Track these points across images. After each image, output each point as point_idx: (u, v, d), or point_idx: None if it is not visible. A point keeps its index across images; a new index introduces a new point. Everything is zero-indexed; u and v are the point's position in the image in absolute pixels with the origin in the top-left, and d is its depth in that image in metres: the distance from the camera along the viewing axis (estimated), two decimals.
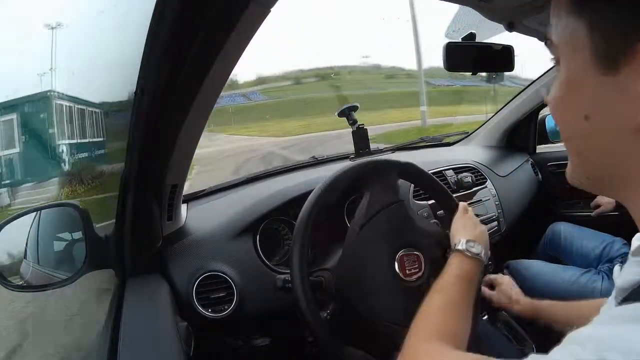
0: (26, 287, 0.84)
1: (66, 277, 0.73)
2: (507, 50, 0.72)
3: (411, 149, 1.50)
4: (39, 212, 0.81)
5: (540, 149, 1.66)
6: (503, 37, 0.71)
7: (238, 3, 0.42)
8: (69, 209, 0.77)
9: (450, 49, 0.68)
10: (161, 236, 0.78)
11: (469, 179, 1.23)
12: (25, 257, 0.83)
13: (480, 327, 0.77)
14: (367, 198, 0.74)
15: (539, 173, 1.57)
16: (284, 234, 0.96)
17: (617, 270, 1.06)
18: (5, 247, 0.79)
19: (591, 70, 0.30)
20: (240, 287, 0.81)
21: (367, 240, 0.72)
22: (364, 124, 1.04)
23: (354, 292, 0.70)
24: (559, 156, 1.56)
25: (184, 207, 0.93)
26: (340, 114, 1.03)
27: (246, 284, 0.82)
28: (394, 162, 0.81)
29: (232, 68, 0.54)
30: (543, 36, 0.40)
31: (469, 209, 0.75)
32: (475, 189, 1.25)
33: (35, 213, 0.80)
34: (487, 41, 0.72)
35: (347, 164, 0.78)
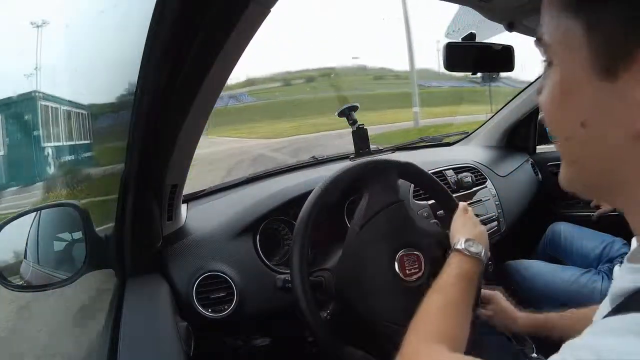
0: (26, 287, 0.84)
1: (66, 277, 0.73)
2: (507, 50, 0.72)
3: (411, 149, 1.50)
4: (39, 212, 0.81)
5: (540, 149, 1.66)
6: (503, 37, 0.71)
7: (238, 3, 0.42)
8: (69, 209, 0.77)
9: (450, 48, 0.68)
10: (161, 236, 0.78)
11: (469, 179, 1.23)
12: (25, 257, 0.83)
13: (480, 327, 0.77)
14: (367, 198, 0.74)
15: (539, 173, 1.57)
16: (284, 234, 0.96)
17: (617, 270, 1.06)
18: (5, 247, 0.79)
19: (588, 75, 0.29)
20: (240, 287, 0.81)
21: (367, 240, 0.72)
22: (364, 124, 1.04)
23: (354, 292, 0.70)
24: (559, 156, 1.54)
25: (184, 207, 0.93)
26: (340, 114, 1.03)
27: (246, 284, 0.82)
28: (394, 162, 0.81)
29: (232, 68, 0.54)
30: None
31: (468, 208, 0.74)
32: (475, 189, 1.25)
33: (35, 213, 0.80)
34: (487, 41, 0.72)
35: (347, 164, 0.78)
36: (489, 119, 1.68)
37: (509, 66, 0.73)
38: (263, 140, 10.35)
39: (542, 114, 0.34)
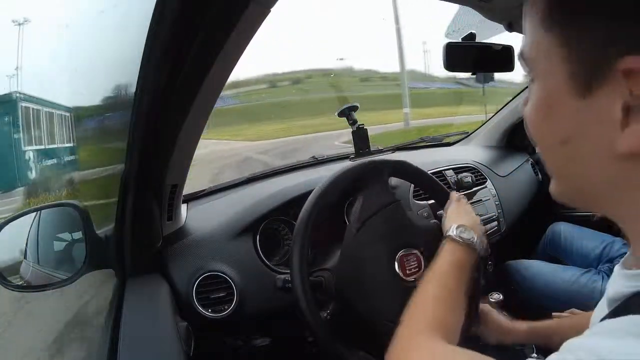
0: (26, 287, 0.84)
1: (66, 277, 0.73)
2: (507, 50, 0.72)
3: (411, 149, 1.50)
4: (39, 212, 0.81)
5: None
6: (503, 37, 0.71)
7: (238, 3, 0.42)
8: (69, 209, 0.77)
9: (450, 49, 0.68)
10: (161, 236, 0.78)
11: (469, 179, 1.23)
12: (25, 257, 0.83)
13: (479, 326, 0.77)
14: (361, 200, 0.74)
15: (539, 173, 1.57)
16: (284, 234, 0.96)
17: (614, 272, 1.06)
18: (5, 247, 0.79)
19: (568, 92, 0.28)
20: (240, 287, 0.81)
21: (365, 242, 0.72)
22: (364, 124, 1.04)
23: (354, 292, 0.70)
24: None
25: (184, 207, 0.93)
26: (340, 114, 1.03)
27: (246, 284, 0.82)
28: (386, 162, 0.81)
29: (232, 68, 0.54)
30: None
31: (462, 198, 0.73)
32: (475, 189, 1.25)
33: (35, 213, 0.80)
34: (487, 41, 0.72)
35: (347, 164, 0.78)
36: (488, 119, 1.68)
37: (509, 66, 0.72)
38: (257, 142, 10.26)
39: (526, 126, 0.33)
